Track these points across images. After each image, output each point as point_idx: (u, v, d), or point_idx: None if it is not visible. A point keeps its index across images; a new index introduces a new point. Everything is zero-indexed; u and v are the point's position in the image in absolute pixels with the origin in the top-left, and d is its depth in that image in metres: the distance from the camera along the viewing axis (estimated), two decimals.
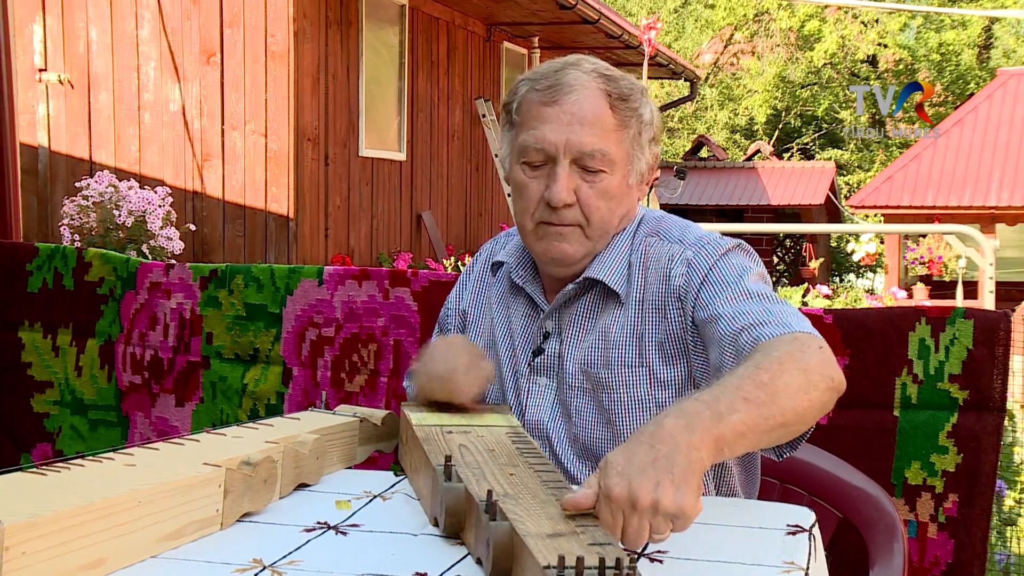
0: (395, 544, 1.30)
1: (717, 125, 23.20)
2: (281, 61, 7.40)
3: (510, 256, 1.78)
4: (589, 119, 1.60)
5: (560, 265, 1.68)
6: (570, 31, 10.95)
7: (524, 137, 1.64)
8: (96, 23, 7.71)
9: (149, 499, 1.24)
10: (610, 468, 1.19)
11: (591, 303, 1.68)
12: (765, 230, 13.97)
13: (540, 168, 1.63)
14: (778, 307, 1.52)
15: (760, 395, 1.31)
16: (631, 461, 1.18)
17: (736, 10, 22.01)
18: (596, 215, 1.63)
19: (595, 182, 1.62)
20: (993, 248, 6.74)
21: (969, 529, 2.02)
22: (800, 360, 1.38)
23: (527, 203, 1.65)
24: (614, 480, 1.17)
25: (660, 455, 1.18)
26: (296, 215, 7.46)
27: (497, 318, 1.78)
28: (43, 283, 2.76)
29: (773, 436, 1.34)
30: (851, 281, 18.47)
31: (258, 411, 2.53)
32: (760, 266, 1.65)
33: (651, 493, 1.15)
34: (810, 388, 1.36)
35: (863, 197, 14.47)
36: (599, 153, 1.60)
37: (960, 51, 21.68)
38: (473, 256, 1.92)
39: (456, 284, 1.90)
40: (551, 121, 1.61)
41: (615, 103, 1.62)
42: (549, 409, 1.69)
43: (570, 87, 1.61)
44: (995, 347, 2.01)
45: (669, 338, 1.62)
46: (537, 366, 1.71)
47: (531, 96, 1.64)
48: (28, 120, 7.67)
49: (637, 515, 1.16)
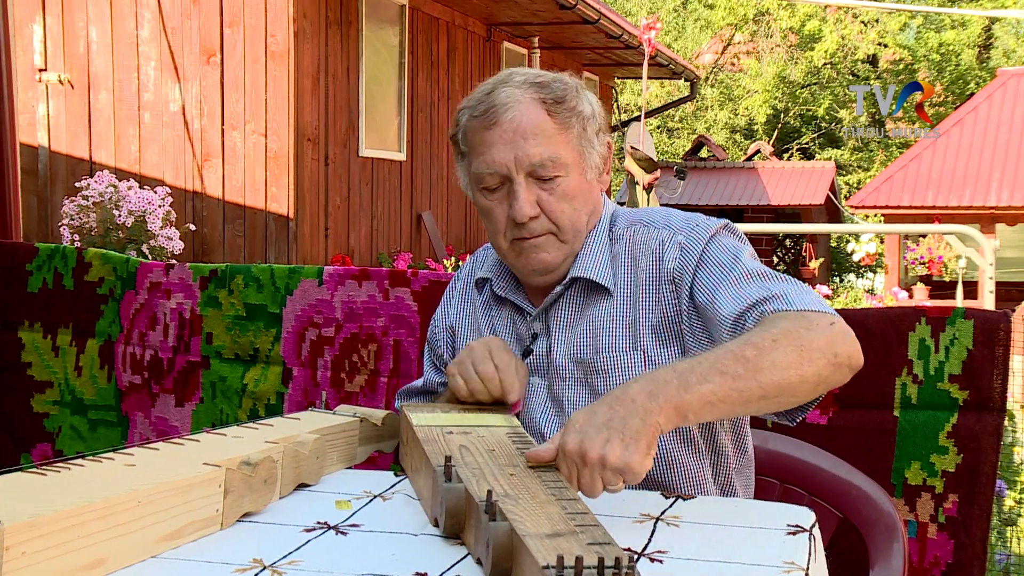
0: (395, 544, 1.30)
1: (717, 125, 23.20)
2: (281, 61, 7.40)
3: (490, 271, 1.80)
4: (531, 131, 1.62)
5: (542, 274, 1.70)
6: (570, 31, 10.95)
7: (476, 165, 1.67)
8: (96, 23, 7.71)
9: (149, 499, 1.24)
10: (571, 425, 1.33)
11: (576, 297, 1.70)
12: (765, 230, 13.96)
13: (499, 190, 1.67)
14: (780, 284, 1.54)
15: (738, 369, 1.37)
16: (590, 420, 1.32)
17: (736, 10, 22.01)
18: (563, 218, 1.66)
19: (554, 188, 1.65)
20: (993, 248, 6.74)
21: (969, 529, 2.02)
22: (800, 337, 1.42)
23: (496, 225, 1.69)
24: (570, 436, 1.32)
25: (616, 415, 1.31)
26: (296, 215, 7.46)
27: (484, 329, 1.80)
28: (43, 283, 2.76)
29: (752, 407, 1.42)
30: (851, 281, 18.47)
31: (258, 411, 2.53)
32: (747, 244, 1.67)
33: (599, 449, 1.28)
34: (803, 363, 1.40)
35: (863, 197, 14.47)
36: (549, 160, 1.63)
37: (960, 51, 21.68)
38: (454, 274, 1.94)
39: (441, 303, 1.92)
40: (495, 143, 1.64)
41: (552, 108, 1.64)
42: (541, 406, 1.71)
43: (505, 106, 1.63)
44: (995, 347, 2.01)
45: (663, 320, 1.64)
46: (528, 366, 1.72)
47: (472, 124, 1.67)
48: (28, 120, 7.67)
49: (588, 469, 1.29)
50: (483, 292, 1.82)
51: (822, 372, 1.42)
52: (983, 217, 13.49)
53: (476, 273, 1.84)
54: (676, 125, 24.00)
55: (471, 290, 1.86)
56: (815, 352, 1.41)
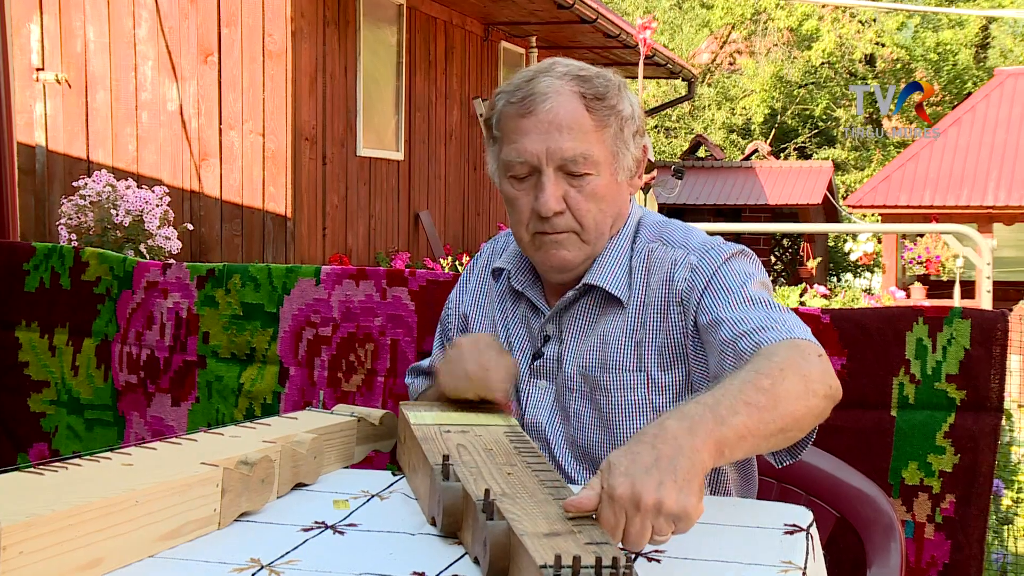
0: (393, 543, 1.30)
1: (714, 125, 23.21)
2: (279, 61, 7.40)
3: (509, 263, 1.77)
4: (566, 124, 1.59)
5: (561, 272, 1.68)
6: (568, 30, 10.95)
7: (506, 152, 1.63)
8: (93, 23, 7.70)
9: (146, 499, 1.24)
10: (614, 468, 1.18)
11: (591, 306, 1.68)
12: (763, 230, 13.97)
13: (527, 180, 1.63)
14: (779, 314, 1.52)
15: (761, 399, 1.31)
16: (635, 462, 1.18)
17: (734, 9, 22.02)
18: (588, 218, 1.63)
19: (582, 186, 1.61)
20: (990, 248, 6.75)
21: (966, 529, 2.02)
22: (801, 367, 1.38)
23: (520, 215, 1.65)
24: (618, 480, 1.16)
25: (663, 456, 1.18)
26: (294, 214, 7.46)
27: (498, 321, 1.78)
28: (40, 282, 2.75)
29: (772, 442, 1.34)
30: (849, 281, 18.46)
31: (254, 411, 2.52)
32: (762, 273, 1.65)
33: (655, 493, 1.14)
34: (809, 395, 1.36)
35: (861, 197, 14.47)
36: (581, 157, 1.59)
37: (957, 51, 21.70)
38: (472, 257, 1.91)
39: (456, 286, 1.90)
40: (529, 132, 1.60)
41: (591, 104, 1.60)
42: (547, 411, 1.69)
43: (543, 95, 1.60)
44: (992, 347, 2.01)
45: (669, 341, 1.62)
46: (537, 369, 1.71)
47: (508, 109, 1.64)
48: (25, 119, 7.66)
49: (640, 515, 1.15)
50: (499, 282, 1.80)
51: (820, 404, 1.39)
52: (981, 217, 13.49)
53: (494, 261, 1.81)
54: (673, 125, 24.01)
55: (487, 277, 1.83)
56: (815, 383, 1.38)
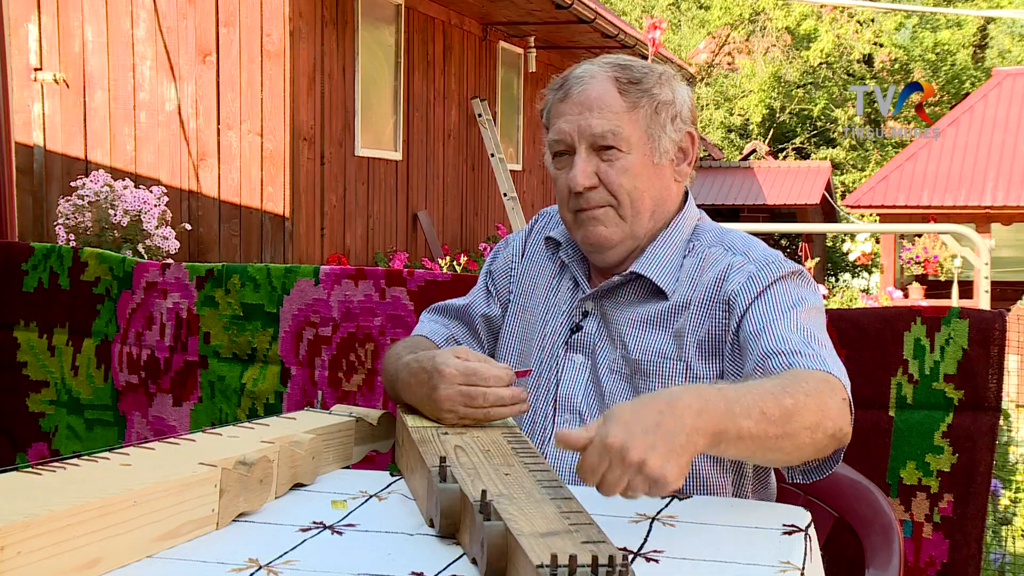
0: (391, 544, 1.30)
1: (713, 124, 23.23)
2: (277, 61, 7.39)
3: (562, 236, 1.82)
4: (596, 104, 1.67)
5: (600, 250, 1.72)
6: (566, 30, 10.95)
7: (549, 135, 1.73)
8: (91, 22, 7.70)
9: (145, 499, 1.24)
10: (614, 418, 1.25)
11: (633, 293, 1.72)
12: (761, 230, 13.92)
13: (563, 158, 1.71)
14: (818, 347, 1.54)
15: (776, 415, 1.34)
16: (636, 420, 1.25)
17: (732, 9, 22.02)
18: (622, 192, 1.68)
19: (613, 160, 1.68)
20: (988, 248, 6.76)
21: (964, 529, 2.03)
22: (825, 402, 1.41)
23: (561, 194, 1.73)
24: (615, 429, 1.23)
25: (664, 425, 1.24)
26: (292, 215, 7.46)
27: (543, 288, 1.81)
28: (39, 282, 2.75)
29: (767, 457, 1.39)
30: (847, 281, 18.46)
31: (257, 410, 2.52)
32: (816, 296, 1.67)
33: (643, 453, 1.21)
34: (818, 430, 1.39)
35: (859, 197, 14.48)
36: (609, 133, 1.66)
37: (955, 51, 21.72)
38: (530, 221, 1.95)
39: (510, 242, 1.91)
40: (564, 114, 1.70)
41: (624, 87, 1.68)
42: (583, 386, 1.71)
43: (579, 79, 1.69)
44: (990, 347, 2.01)
45: (709, 337, 1.65)
46: (574, 343, 1.73)
47: (551, 98, 1.74)
48: (24, 119, 7.66)
49: (622, 467, 1.22)
50: (550, 251, 1.84)
51: (824, 441, 1.42)
52: (979, 217, 13.49)
53: (549, 230, 1.86)
54: None
55: (541, 242, 1.87)
56: (829, 421, 1.41)
